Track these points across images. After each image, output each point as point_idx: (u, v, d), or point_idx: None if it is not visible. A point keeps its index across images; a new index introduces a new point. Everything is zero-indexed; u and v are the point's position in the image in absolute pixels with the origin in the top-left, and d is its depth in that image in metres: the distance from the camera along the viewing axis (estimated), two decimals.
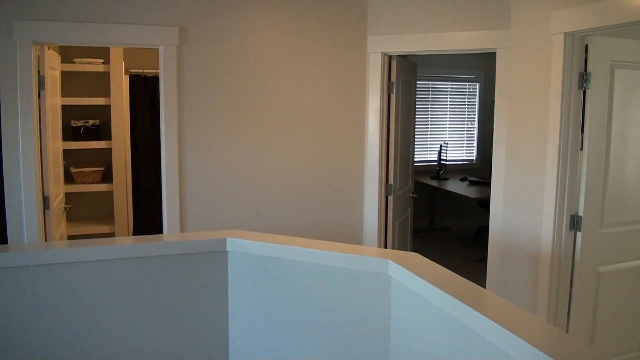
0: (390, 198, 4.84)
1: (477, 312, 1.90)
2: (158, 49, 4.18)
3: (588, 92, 3.64)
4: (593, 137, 3.68)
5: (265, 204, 4.48)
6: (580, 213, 3.73)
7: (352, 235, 4.82)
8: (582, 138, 3.70)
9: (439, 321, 2.14)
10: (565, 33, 3.57)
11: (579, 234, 3.75)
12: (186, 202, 4.23)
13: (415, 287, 2.26)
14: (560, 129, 3.64)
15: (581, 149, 3.71)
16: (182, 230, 4.24)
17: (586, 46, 3.64)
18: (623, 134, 3.81)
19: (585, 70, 3.65)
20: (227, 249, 2.79)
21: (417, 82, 8.88)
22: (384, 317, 2.50)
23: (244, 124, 4.36)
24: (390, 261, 2.44)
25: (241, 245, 2.77)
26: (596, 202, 3.76)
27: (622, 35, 4.02)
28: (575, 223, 3.76)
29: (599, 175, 3.74)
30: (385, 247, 4.88)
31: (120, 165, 5.54)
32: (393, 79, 4.71)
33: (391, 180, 4.81)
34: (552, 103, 3.69)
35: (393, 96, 4.74)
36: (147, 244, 2.67)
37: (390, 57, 4.70)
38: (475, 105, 9.49)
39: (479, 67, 9.37)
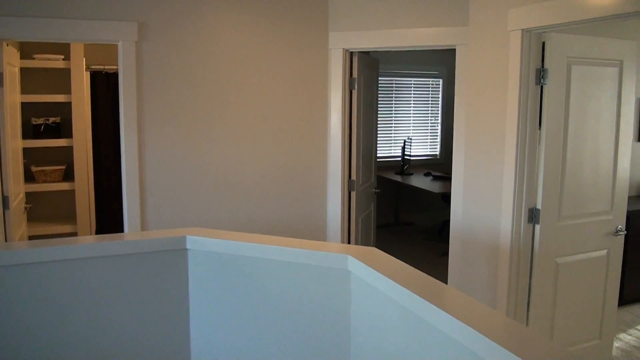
0: (353, 194, 4.87)
1: (434, 306, 1.91)
2: (117, 45, 4.14)
3: (545, 88, 3.71)
4: (550, 132, 3.75)
5: (228, 201, 4.48)
6: (539, 206, 3.80)
7: (315, 231, 4.84)
8: (540, 133, 3.77)
9: (398, 315, 2.16)
10: (522, 30, 3.63)
11: (537, 227, 3.83)
12: (147, 200, 4.20)
13: (374, 281, 2.28)
14: (518, 124, 3.70)
15: (539, 144, 3.78)
16: (144, 228, 4.21)
17: (543, 43, 3.71)
18: (580, 128, 3.88)
19: (543, 66, 3.71)
20: (187, 246, 2.78)
21: (381, 78, 8.93)
22: (344, 312, 2.52)
23: (206, 120, 4.34)
24: (349, 256, 2.46)
25: (201, 243, 2.76)
26: (554, 196, 3.84)
27: (579, 32, 4.10)
28: (533, 216, 3.84)
29: (556, 169, 3.82)
30: (349, 242, 4.91)
31: (82, 163, 5.47)
32: (355, 75, 4.74)
33: (354, 176, 4.84)
34: (509, 99, 3.75)
35: (355, 92, 4.77)
36: (106, 243, 2.65)
37: (351, 53, 4.73)
38: (438, 101, 9.58)
39: (442, 64, 9.45)
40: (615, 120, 4.05)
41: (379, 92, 8.97)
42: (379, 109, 9.01)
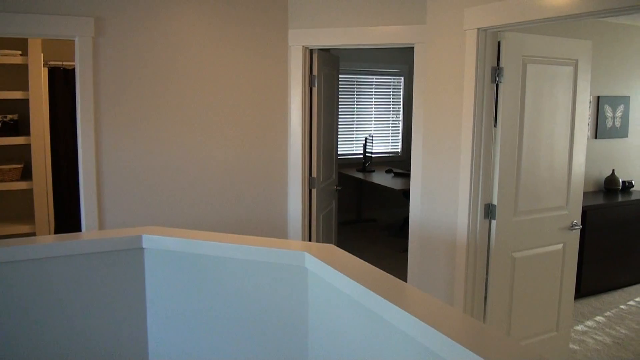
0: (314, 191, 4.89)
1: (391, 304, 1.92)
2: (74, 40, 4.07)
3: (501, 86, 3.77)
4: (506, 129, 3.81)
5: (188, 200, 4.46)
6: (494, 202, 3.86)
7: (276, 229, 4.84)
8: (496, 130, 3.83)
9: (355, 313, 2.17)
10: (478, 29, 3.68)
11: (493, 222, 3.89)
12: (105, 199, 4.16)
13: (331, 279, 2.29)
14: (474, 122, 3.76)
15: (494, 141, 3.84)
16: (102, 228, 4.16)
17: (499, 42, 3.77)
18: (535, 126, 3.95)
19: (498, 65, 3.77)
20: (143, 245, 2.77)
21: (343, 76, 8.96)
22: (302, 310, 2.54)
23: (165, 118, 4.31)
24: (306, 253, 2.47)
25: (157, 242, 2.75)
26: (509, 192, 3.90)
27: (535, 32, 4.17)
28: (489, 212, 3.90)
29: (511, 166, 3.88)
30: (310, 239, 4.93)
31: (40, 162, 5.39)
32: (315, 72, 4.75)
33: (314, 173, 4.85)
34: (466, 97, 3.80)
35: (315, 89, 4.78)
36: (61, 243, 2.62)
37: (311, 50, 4.74)
38: (400, 98, 9.64)
39: (404, 62, 9.52)
40: (570, 118, 4.13)
41: (341, 89, 9.00)
42: (340, 106, 9.04)
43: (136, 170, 4.24)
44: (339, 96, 8.82)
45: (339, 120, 9.07)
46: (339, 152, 9.11)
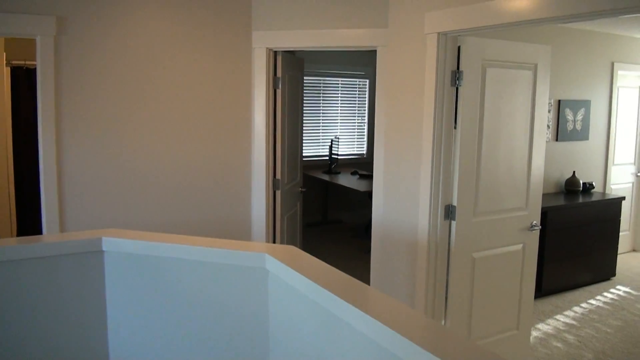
0: (278, 193, 4.90)
1: (351, 306, 1.92)
2: (35, 39, 4.02)
3: (460, 90, 3.82)
4: (465, 131, 3.87)
5: (151, 202, 4.44)
6: (454, 203, 3.92)
7: (240, 231, 4.84)
8: (456, 133, 3.88)
9: (315, 315, 2.17)
10: (438, 33, 3.74)
11: (453, 223, 3.94)
12: (66, 202, 4.12)
13: (292, 280, 2.29)
14: (434, 124, 3.81)
15: (454, 143, 3.89)
16: (63, 230, 4.13)
17: (459, 46, 3.82)
18: (495, 129, 4.02)
19: (458, 68, 3.82)
20: (103, 248, 2.75)
21: (309, 78, 8.98)
22: (263, 312, 2.54)
23: (128, 119, 4.29)
24: (266, 255, 2.48)
25: (118, 245, 2.73)
26: (469, 193, 3.96)
27: (496, 36, 4.23)
28: (450, 213, 3.95)
29: (471, 167, 3.94)
30: (274, 241, 4.94)
31: (2, 163, 5.33)
32: (279, 74, 4.77)
33: (279, 175, 4.87)
34: (426, 99, 3.85)
35: (279, 91, 4.80)
36: (21, 246, 2.60)
37: (275, 52, 4.75)
38: (365, 100, 9.70)
39: (369, 64, 9.58)
40: (529, 121, 4.21)
41: (307, 91, 9.02)
42: (306, 108, 9.06)
43: (99, 172, 4.21)
44: (305, 98, 8.85)
45: (305, 122, 9.09)
46: (305, 154, 9.13)
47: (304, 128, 8.93)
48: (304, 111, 8.97)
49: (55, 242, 2.66)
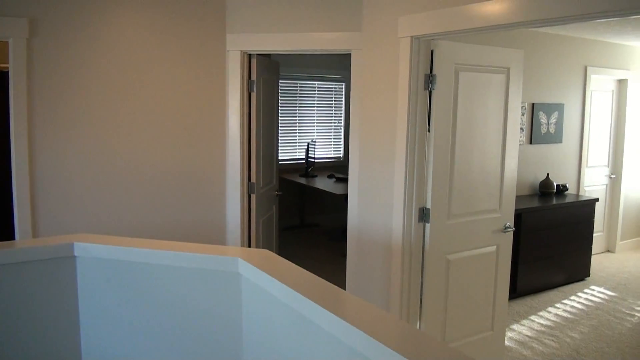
0: (253, 196, 4.89)
1: (325, 310, 1.91)
2: (7, 42, 3.95)
3: (434, 93, 3.85)
4: (439, 135, 3.90)
5: (125, 205, 4.41)
6: (428, 206, 3.94)
7: (215, 235, 4.82)
8: (429, 136, 3.90)
9: (289, 318, 2.17)
10: (411, 37, 3.76)
11: (427, 225, 3.97)
12: (39, 206, 4.07)
13: (265, 284, 2.29)
14: (408, 128, 3.83)
15: (428, 146, 3.91)
16: (35, 235, 4.08)
17: (432, 50, 3.85)
18: (468, 132, 4.05)
19: (431, 72, 3.85)
20: (75, 254, 2.72)
21: (285, 82, 8.98)
22: (236, 315, 2.54)
23: (102, 122, 4.26)
24: (239, 259, 2.47)
25: (89, 250, 2.71)
26: (443, 196, 3.99)
27: (469, 41, 4.27)
28: (424, 215, 3.97)
29: (445, 170, 3.97)
30: (250, 245, 4.93)
31: None
32: (253, 77, 4.76)
33: (253, 179, 4.86)
34: (400, 103, 3.87)
35: (254, 95, 4.79)
36: None
37: (250, 55, 4.75)
38: (341, 104, 9.72)
39: (345, 68, 9.59)
40: (502, 124, 4.24)
41: (283, 95, 9.02)
42: (283, 112, 9.06)
43: (72, 176, 4.17)
44: (281, 102, 8.84)
45: (281, 125, 9.08)
46: (281, 158, 9.12)
47: (280, 131, 8.93)
48: (280, 114, 8.97)
49: (27, 248, 2.63)
